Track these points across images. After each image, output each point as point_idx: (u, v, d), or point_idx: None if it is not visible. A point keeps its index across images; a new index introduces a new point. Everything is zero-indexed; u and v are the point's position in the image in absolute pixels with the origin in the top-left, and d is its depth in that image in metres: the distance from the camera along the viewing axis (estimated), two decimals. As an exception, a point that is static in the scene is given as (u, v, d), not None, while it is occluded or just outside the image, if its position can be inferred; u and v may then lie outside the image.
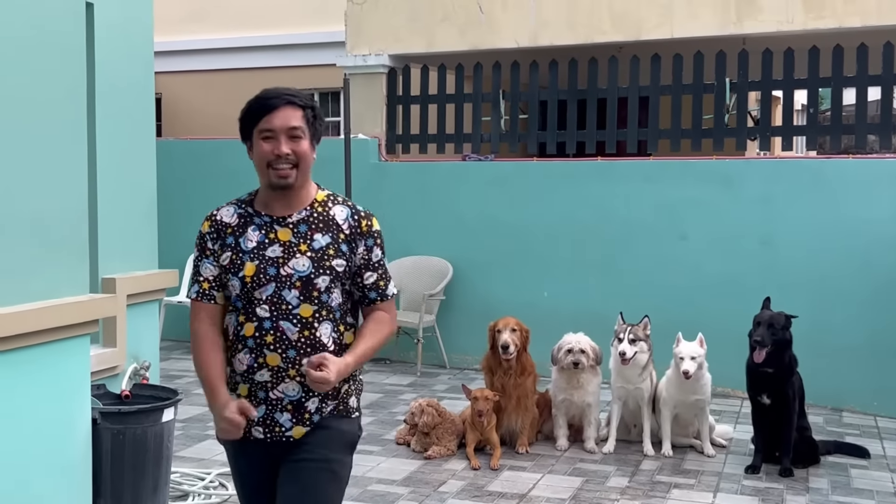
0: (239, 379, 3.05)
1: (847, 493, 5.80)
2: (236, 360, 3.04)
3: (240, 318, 3.02)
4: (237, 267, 3.02)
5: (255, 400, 3.02)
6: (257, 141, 3.03)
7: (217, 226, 3.08)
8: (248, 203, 3.11)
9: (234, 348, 3.04)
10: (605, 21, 9.25)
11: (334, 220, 3.09)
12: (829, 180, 8.03)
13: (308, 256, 3.01)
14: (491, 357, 6.63)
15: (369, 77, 10.06)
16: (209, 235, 3.08)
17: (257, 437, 3.05)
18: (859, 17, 8.39)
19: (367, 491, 5.68)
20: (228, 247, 3.04)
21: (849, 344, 7.82)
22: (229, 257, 3.03)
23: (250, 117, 3.06)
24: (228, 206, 3.13)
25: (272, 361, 2.99)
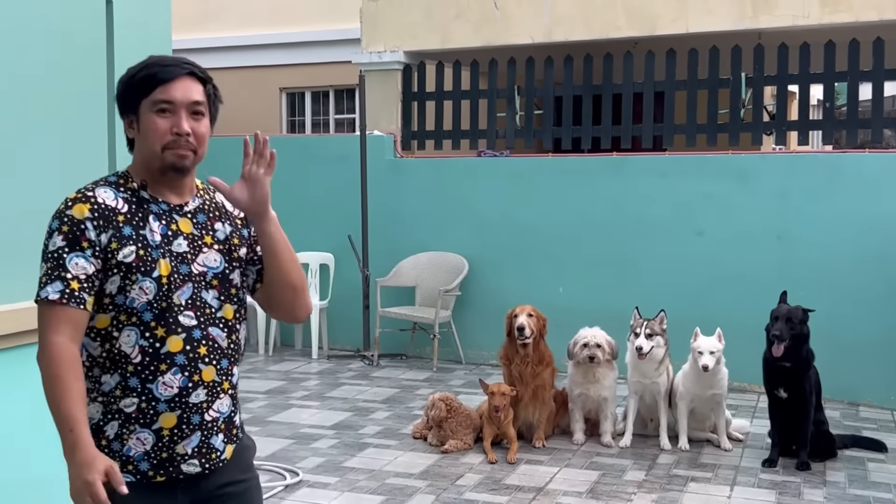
0: (163, 408, 2.43)
1: (864, 486, 5.80)
2: (157, 385, 2.42)
3: (157, 332, 2.42)
4: (148, 265, 2.42)
5: (187, 428, 2.47)
6: (148, 115, 2.45)
7: (101, 209, 2.41)
8: (130, 187, 2.50)
9: (150, 371, 2.42)
10: (619, 16, 9.26)
11: (224, 206, 2.64)
12: (846, 175, 8.01)
13: (216, 249, 2.55)
14: (508, 346, 6.65)
15: (384, 74, 10.09)
16: (91, 222, 2.39)
17: (191, 472, 2.50)
18: (876, 11, 8.37)
19: (384, 484, 5.71)
20: (128, 239, 2.41)
21: (866, 339, 7.80)
22: (134, 252, 2.41)
23: (139, 85, 2.47)
24: (102, 188, 2.47)
25: (208, 377, 2.50)
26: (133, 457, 2.45)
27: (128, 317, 2.42)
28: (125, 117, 2.51)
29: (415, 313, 9.23)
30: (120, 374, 2.43)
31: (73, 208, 2.40)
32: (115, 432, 2.45)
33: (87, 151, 4.24)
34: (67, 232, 2.38)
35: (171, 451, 2.47)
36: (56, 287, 2.35)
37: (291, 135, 13.34)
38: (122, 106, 2.51)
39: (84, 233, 2.38)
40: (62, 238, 2.37)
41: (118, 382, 2.44)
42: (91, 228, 2.38)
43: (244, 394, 7.93)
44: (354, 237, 9.37)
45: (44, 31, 3.94)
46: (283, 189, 9.84)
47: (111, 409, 2.45)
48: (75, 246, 2.37)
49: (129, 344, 2.42)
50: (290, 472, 5.87)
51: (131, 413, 2.43)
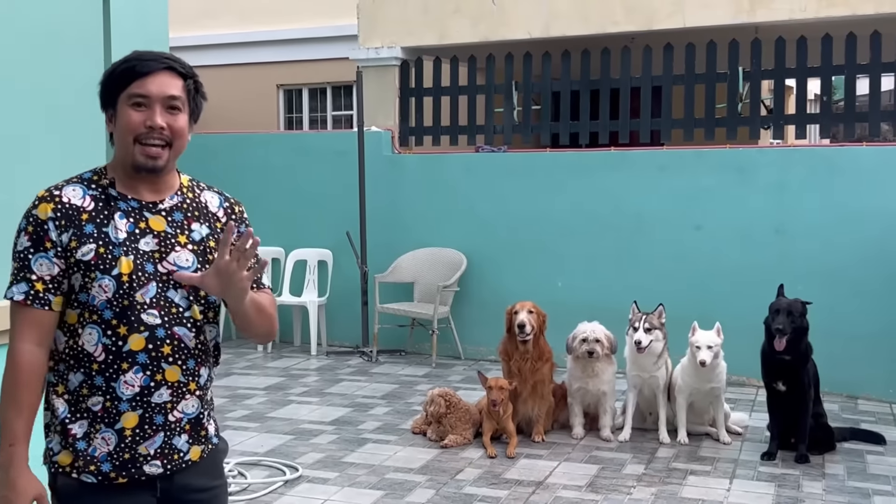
0: (125, 407, 2.40)
1: (863, 478, 5.81)
2: (120, 384, 2.39)
3: (119, 330, 2.39)
4: (108, 263, 2.39)
5: (150, 428, 2.43)
6: (123, 108, 2.43)
7: (64, 209, 2.39)
8: (102, 184, 2.48)
9: (113, 370, 2.40)
10: (617, 11, 9.26)
11: (207, 207, 2.60)
12: (843, 168, 8.02)
13: (190, 249, 2.50)
14: (508, 341, 6.66)
15: (382, 70, 10.09)
16: (53, 222, 2.38)
17: (153, 473, 2.46)
18: (872, 5, 8.37)
19: (384, 479, 5.71)
20: (89, 237, 2.39)
21: (864, 332, 7.81)
22: (93, 251, 2.39)
23: (118, 79, 2.45)
24: (72, 186, 2.45)
25: (172, 377, 2.45)
26: (97, 457, 2.42)
27: (90, 314, 2.40)
28: (105, 111, 2.50)
29: (413, 309, 9.24)
30: (84, 373, 2.42)
31: (38, 208, 2.40)
32: (83, 431, 2.43)
33: (85, 148, 4.24)
34: (32, 232, 2.39)
35: (134, 451, 2.44)
36: (21, 288, 2.38)
37: (289, 131, 13.34)
38: (102, 100, 2.50)
39: (47, 233, 2.38)
40: (28, 238, 2.39)
41: (83, 381, 2.42)
42: (53, 229, 2.38)
43: (244, 390, 7.94)
44: (353, 233, 9.37)
45: (40, 28, 3.94)
46: (281, 186, 9.93)
47: (80, 408, 2.43)
48: (39, 247, 2.38)
49: (92, 342, 2.41)
50: (289, 468, 5.87)
51: (97, 412, 2.41)
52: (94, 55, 4.30)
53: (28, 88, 3.88)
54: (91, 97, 4.24)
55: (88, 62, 4.26)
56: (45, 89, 3.98)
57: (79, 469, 2.42)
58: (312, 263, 9.80)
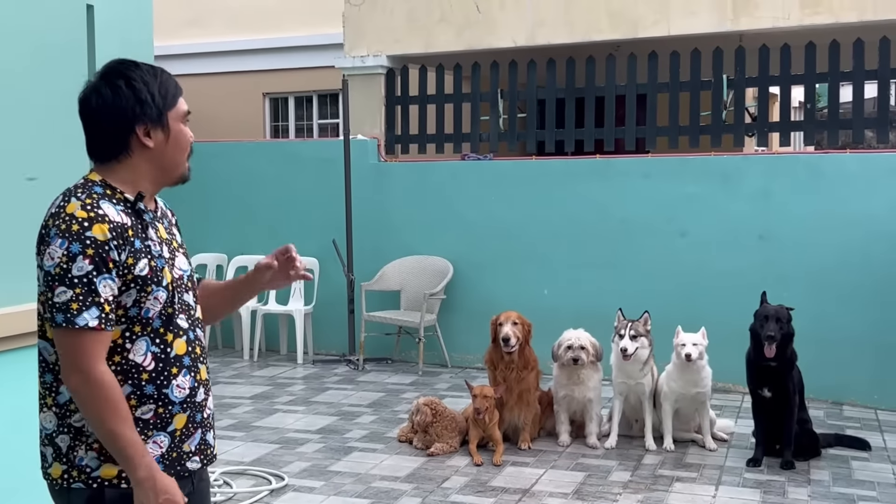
0: (177, 409, 2.50)
1: (848, 484, 5.83)
2: (172, 389, 2.48)
3: (166, 337, 2.47)
4: (158, 275, 2.46)
5: (192, 427, 2.54)
6: (177, 125, 2.52)
7: (117, 228, 2.38)
8: (121, 198, 2.46)
9: (164, 376, 2.47)
10: (602, 19, 9.29)
11: (166, 212, 2.70)
12: (827, 175, 8.06)
13: (182, 252, 2.63)
14: (493, 351, 6.67)
15: (368, 78, 10.10)
16: (112, 242, 2.36)
17: (193, 468, 2.57)
18: (855, 13, 8.42)
19: (370, 487, 5.71)
20: (140, 252, 2.42)
21: (849, 338, 7.85)
22: (147, 265, 2.43)
23: (173, 95, 2.52)
24: (105, 202, 2.42)
25: (203, 375, 2.60)
26: None
27: (142, 328, 2.43)
28: (144, 126, 2.46)
29: (400, 317, 9.24)
30: (132, 385, 2.43)
31: (93, 229, 2.34)
32: None
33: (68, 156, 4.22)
34: (93, 255, 2.33)
35: (180, 450, 2.52)
36: (93, 313, 2.33)
37: (275, 140, 13.32)
38: (142, 115, 2.45)
39: (109, 254, 2.35)
40: (89, 262, 2.33)
41: (131, 392, 2.43)
42: (114, 249, 2.36)
43: (230, 399, 7.92)
44: (339, 241, 9.37)
45: (24, 36, 3.93)
46: (267, 194, 9.92)
47: None
48: (103, 269, 2.34)
49: (141, 353, 2.44)
50: (275, 477, 5.86)
51: (149, 419, 2.45)
52: (78, 65, 4.30)
53: (11, 98, 3.87)
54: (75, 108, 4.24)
55: (72, 72, 4.25)
56: (29, 99, 3.97)
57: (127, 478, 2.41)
58: (299, 272, 9.76)
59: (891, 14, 8.31)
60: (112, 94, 2.45)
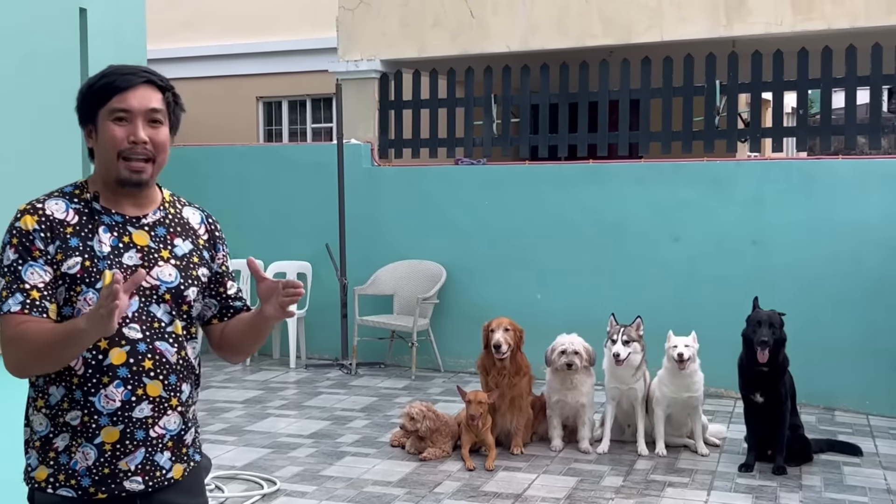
0: (105, 421, 2.37)
1: (840, 490, 5.84)
2: (100, 399, 2.36)
3: (99, 344, 2.35)
4: (93, 276, 2.38)
5: (131, 443, 2.40)
6: (105, 123, 2.43)
7: (49, 222, 2.38)
8: (84, 197, 2.47)
9: (92, 383, 2.37)
10: (595, 25, 9.31)
11: (189, 223, 2.62)
12: (820, 181, 8.08)
13: (173, 265, 2.51)
14: (485, 357, 6.67)
15: (361, 82, 10.10)
16: (38, 233, 2.36)
17: (134, 489, 2.42)
18: (848, 19, 8.45)
19: (362, 492, 5.70)
20: (74, 250, 2.38)
21: (840, 344, 7.86)
22: (79, 264, 2.37)
23: (97, 94, 2.44)
24: (56, 200, 2.44)
25: (153, 391, 2.42)
26: (77, 471, 2.39)
27: None
28: (84, 127, 2.49)
29: (393, 321, 9.23)
30: (65, 387, 2.39)
31: (21, 220, 2.38)
32: (64, 444, 2.40)
33: (61, 160, 4.23)
34: (17, 244, 2.36)
35: (114, 466, 2.40)
36: (17, 299, 2.32)
37: (268, 144, 13.32)
38: (81, 116, 2.49)
39: (33, 243, 2.36)
40: (13, 251, 2.36)
41: (63, 395, 2.39)
42: (39, 239, 2.36)
43: (222, 403, 7.90)
44: (332, 246, 9.36)
45: (17, 39, 3.93)
46: (260, 198, 9.91)
47: (59, 422, 2.40)
48: (27, 257, 2.35)
49: None
50: (267, 482, 5.85)
51: (76, 426, 2.38)
52: (71, 69, 4.30)
53: (4, 103, 3.86)
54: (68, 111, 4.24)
55: (65, 76, 4.25)
56: (22, 103, 3.96)
57: (56, 484, 2.39)
58: (291, 276, 9.77)
59: (883, 21, 8.35)
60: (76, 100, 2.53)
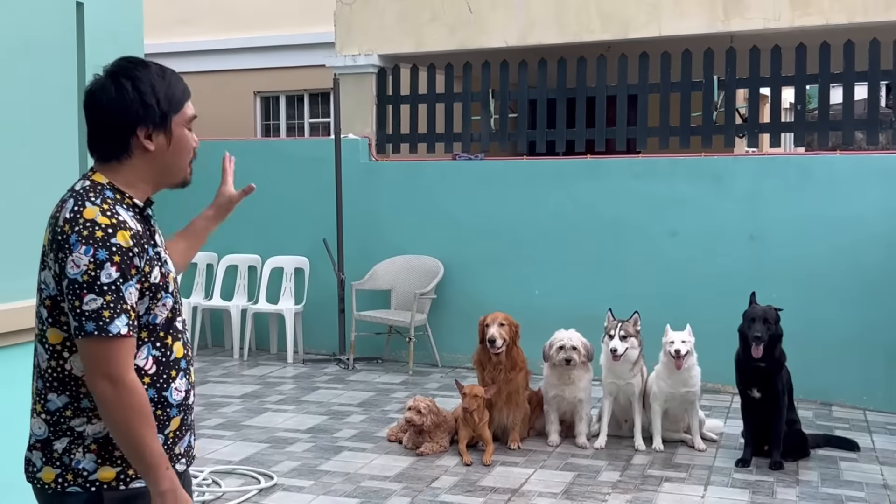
0: (174, 412, 2.48)
1: (837, 485, 5.85)
2: (171, 392, 2.47)
3: (166, 340, 2.46)
4: (167, 282, 2.47)
5: (183, 429, 2.53)
6: (181, 130, 2.48)
7: (136, 236, 2.37)
8: (130, 203, 2.45)
9: (164, 379, 2.46)
10: (593, 20, 9.30)
11: None
12: (818, 176, 8.08)
13: (168, 254, 2.59)
14: (482, 352, 6.67)
15: (359, 77, 10.09)
16: (135, 248, 2.35)
17: (180, 470, 2.53)
18: (845, 14, 8.45)
19: (359, 487, 5.71)
20: (153, 259, 2.42)
21: (838, 339, 7.87)
22: (159, 272, 2.43)
23: (179, 100, 2.49)
24: (121, 208, 2.39)
25: (193, 377, 2.60)
26: None
27: (148, 334, 2.42)
28: (146, 128, 2.43)
29: (390, 317, 9.23)
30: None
31: (117, 236, 2.31)
32: None
33: (58, 155, 4.22)
34: (120, 262, 2.31)
35: (172, 452, 2.49)
36: (123, 321, 2.31)
37: (266, 139, 13.31)
38: (145, 117, 2.42)
39: (132, 261, 2.33)
40: (116, 269, 2.30)
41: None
42: (136, 256, 2.35)
43: (219, 398, 7.91)
44: (329, 241, 9.36)
45: (13, 35, 3.92)
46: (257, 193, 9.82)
47: None
48: (128, 276, 2.33)
49: (142, 357, 2.41)
50: (264, 476, 5.86)
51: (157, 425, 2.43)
52: (68, 64, 4.29)
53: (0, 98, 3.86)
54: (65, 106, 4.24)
55: (62, 71, 4.25)
56: (18, 98, 3.96)
57: (127, 479, 2.41)
58: (289, 271, 9.77)
59: (881, 16, 8.34)
60: (117, 94, 2.42)
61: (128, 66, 2.47)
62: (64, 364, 2.40)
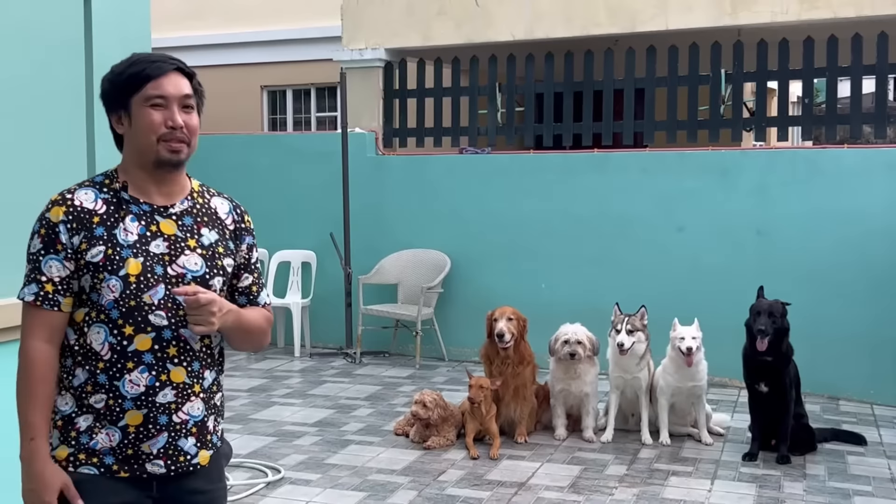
0: (129, 405, 2.45)
1: (844, 479, 5.84)
2: (124, 383, 2.44)
3: (125, 330, 2.45)
4: (115, 264, 2.44)
5: (154, 427, 2.47)
6: (142, 109, 2.48)
7: (76, 212, 2.45)
8: (114, 187, 2.53)
9: (116, 369, 2.45)
10: (600, 13, 9.28)
11: (217, 213, 2.67)
12: (825, 170, 8.06)
13: (199, 254, 2.56)
14: (489, 346, 6.68)
15: (366, 71, 10.08)
16: (64, 225, 2.43)
17: (155, 472, 2.50)
18: (853, 8, 8.41)
19: (366, 480, 5.72)
20: (99, 239, 2.44)
21: (845, 333, 7.86)
22: (102, 252, 2.44)
23: (130, 81, 2.49)
24: (85, 189, 2.51)
25: (177, 378, 2.50)
26: (99, 450, 2.48)
27: (97, 313, 2.47)
28: (113, 114, 2.55)
29: (397, 311, 9.24)
30: (90, 370, 2.47)
31: (50, 211, 2.46)
32: (87, 425, 2.48)
33: (67, 148, 4.23)
34: (44, 235, 2.45)
35: (137, 448, 2.48)
36: (32, 289, 2.45)
37: (273, 133, 13.31)
38: (110, 103, 2.55)
39: (58, 236, 2.44)
40: (40, 240, 2.46)
41: (87, 378, 2.47)
42: (64, 231, 2.44)
43: (227, 392, 7.84)
44: (336, 235, 9.37)
45: (21, 29, 3.93)
46: (265, 187, 9.90)
47: (84, 404, 2.48)
48: (50, 249, 2.44)
49: (99, 341, 2.46)
50: (272, 470, 5.87)
51: (100, 409, 2.47)
52: (76, 59, 4.30)
53: (8, 90, 3.86)
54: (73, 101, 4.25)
55: (70, 66, 4.25)
56: (26, 91, 3.97)
57: (76, 462, 2.47)
58: (296, 265, 9.79)
59: (889, 9, 8.30)
60: (101, 88, 2.58)
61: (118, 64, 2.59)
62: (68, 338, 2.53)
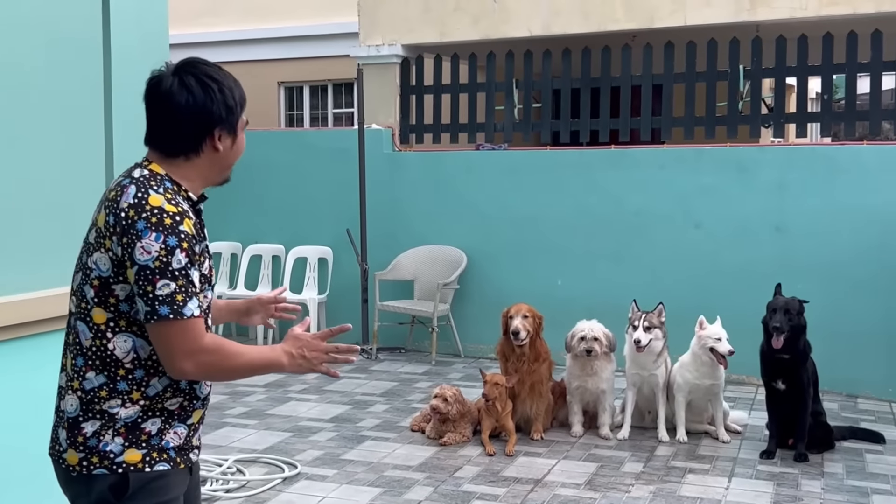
0: (198, 404, 2.59)
1: (862, 477, 5.82)
2: (201, 385, 2.58)
3: None
4: (210, 276, 2.58)
5: (202, 421, 2.65)
6: (242, 134, 2.62)
7: (196, 226, 2.50)
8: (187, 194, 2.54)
9: None
10: (617, 9, 9.25)
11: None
12: (844, 167, 8.02)
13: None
14: (505, 343, 6.67)
15: (382, 67, 10.09)
16: (195, 237, 2.46)
17: (194, 460, 2.64)
18: (873, 3, 8.36)
19: (382, 476, 5.72)
20: (205, 252, 2.53)
21: (864, 331, 7.82)
22: (208, 265, 2.55)
23: (243, 104, 2.60)
24: (179, 198, 2.49)
25: None
26: (169, 448, 2.51)
27: None
28: (221, 131, 2.53)
29: (413, 307, 9.24)
30: (170, 377, 2.48)
31: (183, 224, 2.40)
32: (156, 428, 2.49)
33: (85, 147, 4.25)
34: (187, 249, 2.40)
35: (190, 442, 2.59)
36: (195, 303, 2.41)
37: (289, 129, 13.34)
38: (230, 120, 2.54)
39: (194, 247, 2.43)
40: (184, 255, 2.39)
41: (167, 385, 2.49)
42: (197, 244, 2.46)
43: (243, 387, 7.94)
44: (353, 231, 9.38)
45: (40, 25, 3.94)
46: (281, 183, 9.93)
47: (154, 408, 2.48)
48: (193, 261, 2.43)
49: None
50: (288, 465, 5.88)
51: (174, 410, 2.52)
52: (94, 56, 4.31)
53: (27, 88, 3.88)
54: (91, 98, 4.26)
55: (88, 63, 4.27)
56: (45, 87, 3.98)
57: (152, 462, 2.48)
58: (313, 261, 9.80)
59: (909, 5, 8.26)
60: (204, 95, 2.49)
61: (207, 68, 2.54)
62: (107, 344, 2.45)
